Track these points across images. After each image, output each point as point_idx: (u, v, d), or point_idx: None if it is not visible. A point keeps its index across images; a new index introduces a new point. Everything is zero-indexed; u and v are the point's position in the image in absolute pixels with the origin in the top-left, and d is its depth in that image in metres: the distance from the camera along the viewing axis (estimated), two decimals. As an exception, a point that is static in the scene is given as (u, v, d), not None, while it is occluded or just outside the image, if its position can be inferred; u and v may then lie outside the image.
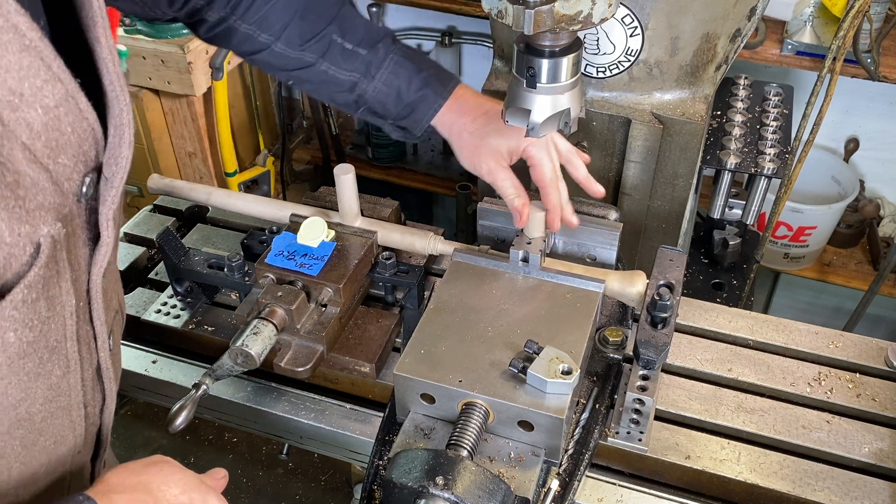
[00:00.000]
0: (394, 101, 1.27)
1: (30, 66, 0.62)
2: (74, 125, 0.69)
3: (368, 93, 1.27)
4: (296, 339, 1.26)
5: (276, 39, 1.25)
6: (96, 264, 0.79)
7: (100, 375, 0.89)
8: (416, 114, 1.28)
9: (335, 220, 1.40)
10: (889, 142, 2.95)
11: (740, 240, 2.13)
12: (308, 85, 1.32)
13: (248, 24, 1.24)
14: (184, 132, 2.98)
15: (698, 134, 1.55)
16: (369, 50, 1.26)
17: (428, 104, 1.27)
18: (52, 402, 0.80)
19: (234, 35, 1.26)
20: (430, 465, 0.98)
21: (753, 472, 1.17)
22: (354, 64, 1.26)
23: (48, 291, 0.72)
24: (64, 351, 0.79)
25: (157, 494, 0.81)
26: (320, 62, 1.26)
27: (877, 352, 1.34)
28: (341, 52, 1.26)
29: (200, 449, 2.47)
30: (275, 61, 1.28)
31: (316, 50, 1.25)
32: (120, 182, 0.76)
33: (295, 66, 1.27)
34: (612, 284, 1.27)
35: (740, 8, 1.46)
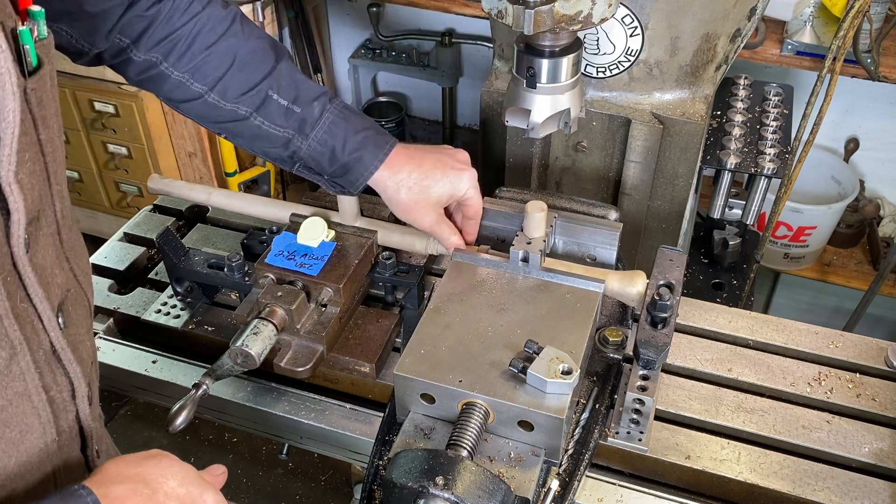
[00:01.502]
0: (328, 160, 1.26)
1: None
2: None
3: (303, 150, 1.25)
4: (296, 339, 1.26)
5: (210, 90, 1.22)
6: (13, 235, 0.76)
7: (57, 357, 0.85)
8: (350, 174, 1.26)
9: (335, 220, 1.40)
10: (889, 142, 2.96)
11: (740, 240, 2.13)
12: (240, 139, 1.29)
13: (180, 72, 1.21)
14: (184, 132, 2.99)
15: (698, 134, 1.55)
16: (304, 108, 1.24)
17: (363, 165, 1.25)
18: (6, 387, 0.78)
19: (166, 81, 1.22)
20: (430, 465, 0.98)
21: (753, 472, 1.17)
22: (289, 121, 1.24)
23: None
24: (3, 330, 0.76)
25: (155, 486, 0.80)
26: (254, 116, 1.24)
27: (877, 352, 1.34)
28: (276, 108, 1.23)
29: (200, 449, 2.47)
30: (207, 112, 1.25)
31: (250, 104, 1.23)
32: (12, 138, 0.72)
33: (227, 119, 1.25)
34: (612, 284, 1.27)
35: (740, 8, 1.46)
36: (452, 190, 1.29)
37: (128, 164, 3.05)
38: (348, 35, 3.56)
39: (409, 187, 1.26)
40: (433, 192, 1.27)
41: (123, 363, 1.40)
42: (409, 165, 1.27)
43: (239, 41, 1.23)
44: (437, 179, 1.27)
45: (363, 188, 1.29)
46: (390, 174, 1.26)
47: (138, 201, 3.11)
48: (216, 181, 3.14)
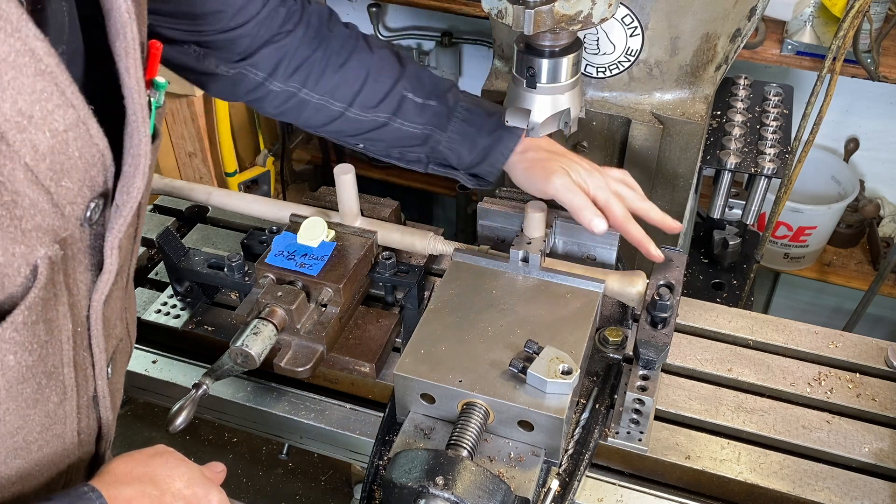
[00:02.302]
0: (468, 148, 1.28)
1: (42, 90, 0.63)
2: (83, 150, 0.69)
3: (443, 143, 1.28)
4: (296, 339, 1.26)
5: (350, 105, 1.26)
6: (97, 291, 0.78)
7: (96, 403, 0.87)
8: (491, 157, 1.28)
9: (335, 220, 1.40)
10: (889, 142, 2.95)
11: (740, 240, 2.13)
12: (380, 144, 1.32)
13: (320, 95, 1.25)
14: (184, 132, 2.99)
15: (698, 134, 1.55)
16: (439, 101, 1.27)
17: (504, 144, 1.27)
18: (48, 429, 0.79)
19: (306, 107, 1.26)
20: (430, 465, 0.98)
21: (753, 472, 1.17)
22: (426, 117, 1.27)
23: (46, 314, 0.71)
24: (61, 377, 0.78)
25: (162, 487, 0.81)
26: (393, 120, 1.27)
27: (877, 352, 1.34)
28: (413, 106, 1.27)
29: (200, 449, 2.47)
30: (348, 128, 1.29)
31: (388, 108, 1.26)
32: (129, 211, 0.76)
33: (368, 129, 1.29)
34: (612, 284, 1.27)
35: (740, 8, 1.46)
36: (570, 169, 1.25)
37: (128, 164, 3.05)
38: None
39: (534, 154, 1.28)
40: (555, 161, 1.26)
41: (123, 363, 1.40)
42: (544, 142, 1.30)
43: (368, 54, 1.27)
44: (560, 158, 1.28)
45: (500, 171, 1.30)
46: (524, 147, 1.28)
47: (138, 201, 3.11)
48: (216, 181, 3.14)
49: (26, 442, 0.77)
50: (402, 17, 3.39)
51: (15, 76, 0.60)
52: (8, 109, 0.61)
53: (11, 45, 0.59)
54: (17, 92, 0.61)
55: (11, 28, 0.59)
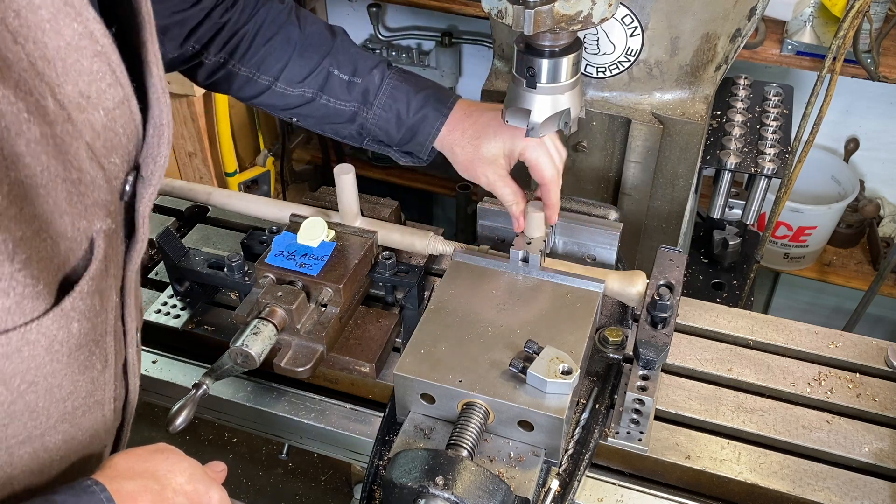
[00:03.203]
0: (395, 126, 1.28)
1: (98, 71, 0.66)
2: (126, 126, 0.72)
3: (370, 121, 1.28)
4: (296, 339, 1.26)
5: (276, 79, 1.27)
6: (132, 261, 0.82)
7: (125, 371, 0.91)
8: (419, 136, 1.28)
9: (335, 220, 1.40)
10: (889, 142, 2.95)
11: (740, 240, 2.13)
12: (310, 120, 1.33)
13: (247, 68, 1.26)
14: (184, 132, 2.98)
15: (698, 134, 1.55)
16: (364, 78, 1.27)
17: (429, 124, 1.27)
18: (91, 395, 0.82)
19: (235, 79, 1.27)
20: (430, 465, 0.98)
21: (753, 472, 1.17)
22: (352, 94, 1.27)
23: (101, 284, 0.74)
24: (105, 345, 0.81)
25: (164, 482, 0.81)
26: (319, 96, 1.28)
27: (877, 352, 1.34)
28: (339, 83, 1.27)
29: (200, 449, 2.47)
30: (276, 101, 1.30)
31: (314, 84, 1.27)
32: (158, 181, 0.79)
33: (296, 104, 1.29)
34: (612, 284, 1.27)
35: (740, 8, 1.46)
36: (506, 148, 1.26)
37: (128, 164, 3.05)
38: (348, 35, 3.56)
39: (462, 145, 1.27)
40: (485, 151, 1.26)
41: (123, 363, 1.40)
42: (466, 122, 1.27)
43: (296, 29, 1.27)
44: (490, 137, 1.26)
45: (431, 151, 1.30)
46: (448, 132, 1.27)
47: (138, 201, 3.11)
48: (216, 181, 3.14)
49: (73, 408, 0.80)
50: (402, 17, 3.38)
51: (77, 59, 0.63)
52: (71, 91, 0.63)
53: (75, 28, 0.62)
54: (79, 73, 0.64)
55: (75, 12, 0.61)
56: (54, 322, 0.68)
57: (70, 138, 0.64)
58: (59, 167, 0.64)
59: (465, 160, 1.28)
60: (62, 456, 0.82)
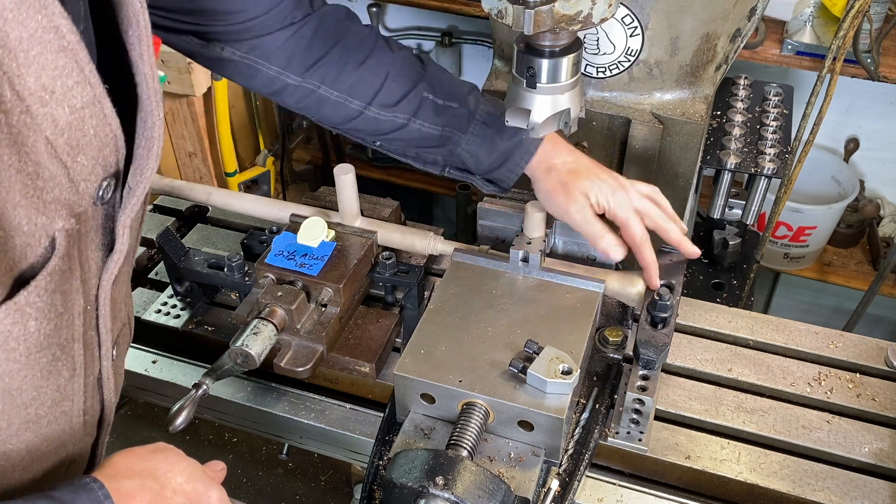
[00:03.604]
0: (487, 152, 1.27)
1: (64, 66, 0.65)
2: (97, 128, 0.71)
3: (461, 146, 1.27)
4: (296, 339, 1.26)
5: (369, 104, 1.24)
6: (108, 270, 0.80)
7: (100, 385, 0.89)
8: (509, 162, 1.27)
9: (335, 220, 1.40)
10: (889, 142, 2.95)
11: (740, 240, 2.13)
12: (398, 143, 1.31)
13: (339, 92, 1.24)
14: (184, 132, 2.98)
15: (698, 134, 1.55)
16: (460, 103, 1.26)
17: (524, 149, 1.26)
18: (57, 405, 0.81)
19: (326, 104, 1.25)
20: (430, 465, 0.98)
21: (753, 472, 1.17)
22: (446, 118, 1.26)
23: (62, 286, 0.73)
24: (72, 352, 0.79)
25: (163, 482, 0.81)
26: (412, 121, 1.26)
27: (877, 352, 1.34)
28: (433, 107, 1.25)
29: (200, 449, 2.47)
30: (367, 126, 1.28)
31: (407, 109, 1.25)
32: (142, 192, 0.78)
33: (387, 129, 1.27)
34: (612, 284, 1.27)
35: (740, 8, 1.46)
36: (590, 191, 1.23)
37: (128, 164, 3.05)
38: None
39: (559, 170, 1.25)
40: (577, 184, 1.23)
41: (123, 363, 1.40)
42: (567, 150, 1.27)
43: (388, 53, 1.26)
44: (585, 175, 1.24)
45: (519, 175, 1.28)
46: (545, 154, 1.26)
47: (138, 201, 3.11)
48: (216, 181, 3.14)
49: (38, 416, 0.79)
50: (402, 17, 3.38)
51: (40, 52, 0.63)
52: (32, 84, 0.63)
53: (38, 21, 0.62)
54: (42, 67, 0.64)
55: (39, 4, 0.61)
56: (7, 316, 0.68)
57: (27, 130, 0.64)
58: (13, 157, 0.63)
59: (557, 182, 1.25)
60: (24, 467, 0.81)
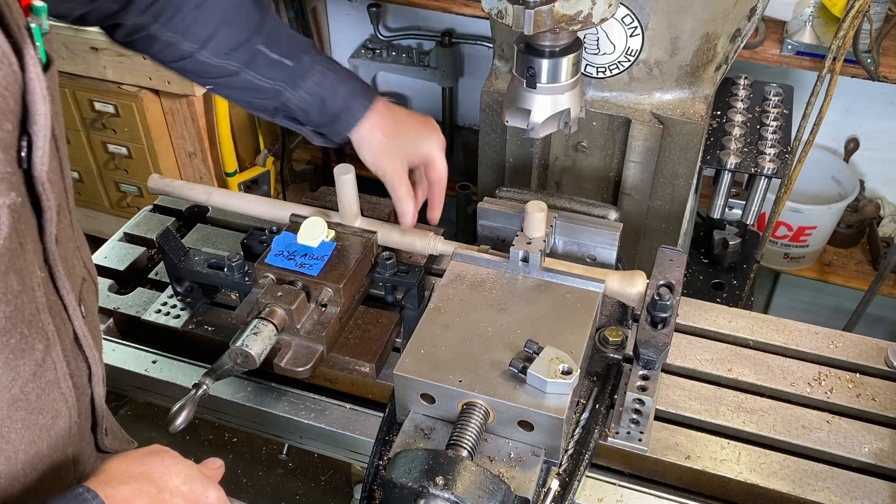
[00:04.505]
0: (318, 110, 1.27)
1: None
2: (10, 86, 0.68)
3: (293, 101, 1.26)
4: (296, 339, 1.26)
5: (201, 48, 1.22)
6: (47, 232, 0.79)
7: (79, 344, 0.89)
8: (339, 123, 1.28)
9: (335, 220, 1.40)
10: (889, 142, 2.95)
11: (740, 240, 2.13)
12: (228, 91, 1.30)
13: (171, 32, 1.21)
14: (184, 132, 2.98)
15: (698, 134, 1.55)
16: (294, 61, 1.25)
17: (352, 114, 1.27)
18: (41, 377, 0.81)
19: (155, 42, 1.22)
20: (430, 465, 0.98)
21: (753, 472, 1.17)
22: (279, 73, 1.25)
23: (15, 264, 0.72)
24: (40, 324, 0.79)
25: (160, 485, 0.81)
26: (244, 71, 1.24)
27: (877, 352, 1.34)
28: (267, 61, 1.24)
29: (200, 449, 2.46)
30: (197, 69, 1.26)
31: (239, 59, 1.23)
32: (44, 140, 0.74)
33: (217, 75, 1.26)
34: (612, 284, 1.27)
35: (740, 8, 1.46)
36: (419, 146, 1.31)
37: (128, 164, 3.05)
38: (348, 35, 3.56)
39: (382, 131, 1.28)
40: (403, 141, 1.29)
41: (123, 363, 1.40)
42: (388, 115, 1.30)
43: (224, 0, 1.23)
44: (409, 130, 1.30)
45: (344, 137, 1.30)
46: (366, 124, 1.28)
47: (138, 201, 3.11)
48: (216, 181, 3.14)
49: (24, 392, 0.79)
50: (402, 17, 3.38)
51: None
52: None
53: None
54: None
55: None
56: None
57: None
58: None
59: (381, 144, 1.29)
60: (28, 442, 0.81)
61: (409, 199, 1.32)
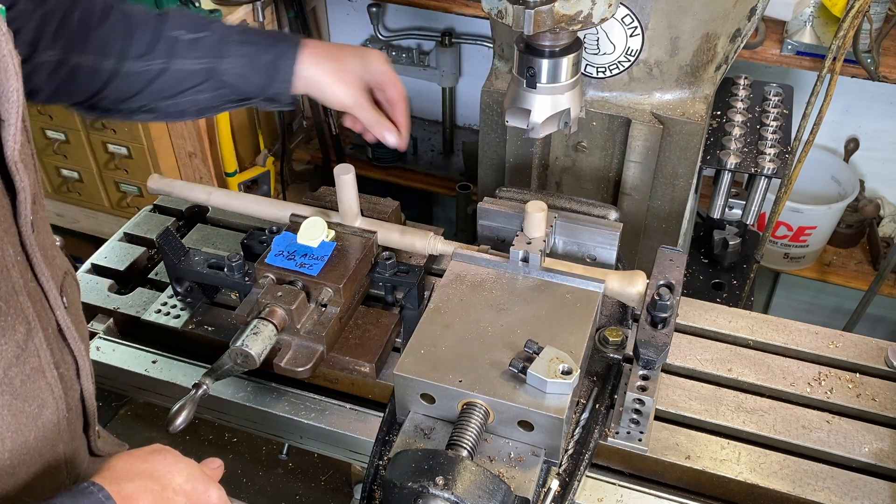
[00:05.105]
0: (252, 69, 1.23)
1: None
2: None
3: (226, 73, 1.22)
4: (296, 339, 1.26)
5: (121, 59, 1.17)
6: (21, 214, 0.79)
7: (63, 336, 0.89)
8: (279, 73, 1.24)
9: (335, 220, 1.40)
10: (889, 142, 2.95)
11: (740, 240, 2.13)
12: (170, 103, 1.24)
13: (88, 55, 1.15)
14: (184, 132, 2.98)
15: (698, 134, 1.55)
16: (210, 31, 1.22)
17: (287, 56, 1.23)
18: (24, 362, 0.81)
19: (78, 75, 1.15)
20: (430, 465, 0.98)
21: (753, 472, 1.17)
22: (203, 49, 1.21)
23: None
24: (19, 305, 0.79)
25: (163, 482, 0.82)
26: (171, 62, 1.20)
27: (877, 352, 1.34)
28: (187, 43, 1.21)
29: (200, 449, 2.46)
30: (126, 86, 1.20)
31: (162, 53, 1.19)
32: (16, 119, 0.74)
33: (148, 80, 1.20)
34: (612, 284, 1.27)
35: (740, 8, 1.46)
36: (367, 65, 1.27)
37: (128, 164, 3.05)
38: (348, 35, 3.56)
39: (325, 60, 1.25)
40: (349, 65, 1.26)
41: (123, 363, 1.40)
42: (322, 45, 1.28)
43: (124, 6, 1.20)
44: (349, 54, 1.27)
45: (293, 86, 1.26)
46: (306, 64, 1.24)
47: (138, 201, 3.11)
48: (216, 181, 3.14)
49: (7, 376, 0.79)
50: (402, 17, 3.38)
51: None
52: None
53: None
54: None
55: None
56: None
57: None
58: None
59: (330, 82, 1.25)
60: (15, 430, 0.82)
61: (382, 118, 1.28)
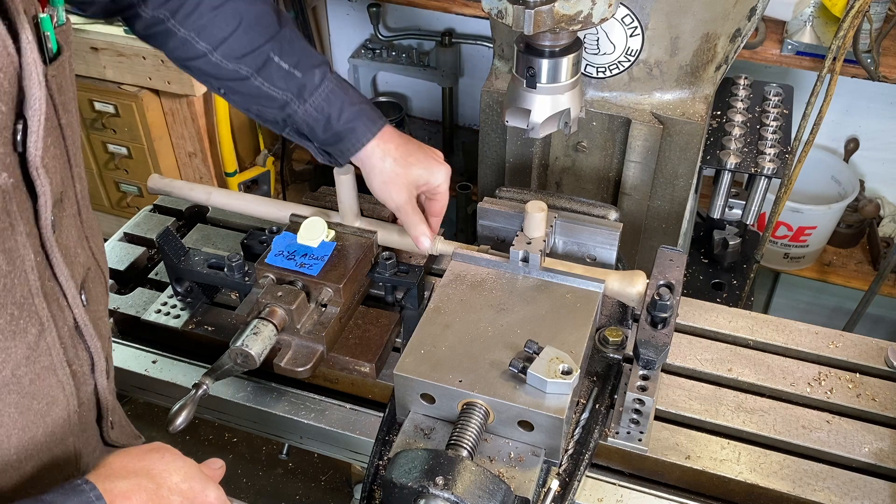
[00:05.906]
0: (322, 127, 1.27)
1: None
2: (6, 68, 0.69)
3: (299, 114, 1.27)
4: (296, 339, 1.26)
5: (215, 49, 1.23)
6: (42, 217, 0.79)
7: (80, 333, 0.89)
8: (342, 144, 1.28)
9: (335, 220, 1.40)
10: (889, 142, 2.95)
11: (740, 240, 2.13)
12: (238, 97, 1.30)
13: (187, 30, 1.22)
14: (184, 132, 2.98)
15: (698, 134, 1.55)
16: (305, 74, 1.26)
17: (356, 137, 1.27)
18: (34, 362, 0.81)
19: (171, 38, 1.24)
20: (430, 465, 0.98)
21: (753, 472, 1.17)
22: (289, 84, 1.26)
23: (4, 244, 0.73)
24: (33, 307, 0.79)
25: (158, 481, 0.81)
26: (254, 77, 1.25)
27: (877, 352, 1.34)
28: (277, 70, 1.25)
29: (200, 449, 2.47)
30: (209, 70, 1.27)
31: (251, 64, 1.24)
32: (39, 125, 0.75)
33: (228, 78, 1.26)
34: (612, 284, 1.27)
35: (740, 8, 1.46)
36: (429, 177, 1.30)
37: (128, 164, 3.05)
38: (348, 35, 3.56)
39: (394, 158, 1.28)
40: (413, 171, 1.29)
41: (123, 363, 1.40)
42: (397, 141, 1.30)
43: (245, 4, 1.24)
44: (420, 160, 1.29)
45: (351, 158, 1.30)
46: (377, 144, 1.28)
47: (138, 201, 3.11)
48: (216, 181, 3.14)
49: (16, 376, 0.79)
50: (402, 17, 3.39)
51: None
52: None
53: None
54: None
55: None
56: None
57: None
58: None
59: (392, 172, 1.28)
60: (21, 427, 0.82)
61: (422, 224, 1.32)
